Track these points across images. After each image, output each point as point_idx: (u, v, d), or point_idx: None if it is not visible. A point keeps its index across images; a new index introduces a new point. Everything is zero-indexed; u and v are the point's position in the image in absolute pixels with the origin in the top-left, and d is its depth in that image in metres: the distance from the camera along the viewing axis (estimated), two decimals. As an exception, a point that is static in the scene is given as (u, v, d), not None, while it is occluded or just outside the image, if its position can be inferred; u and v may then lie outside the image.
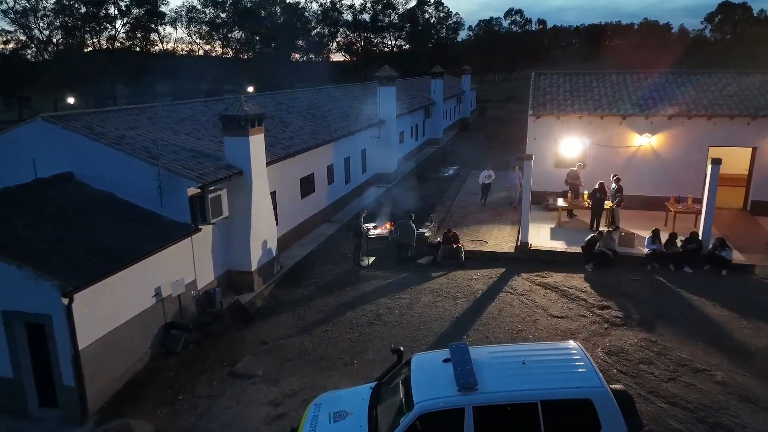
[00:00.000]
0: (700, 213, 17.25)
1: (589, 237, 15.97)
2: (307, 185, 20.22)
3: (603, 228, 17.70)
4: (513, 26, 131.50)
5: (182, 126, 16.86)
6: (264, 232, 15.61)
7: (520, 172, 19.46)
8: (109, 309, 10.91)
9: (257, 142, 14.98)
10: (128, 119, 15.56)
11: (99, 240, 11.64)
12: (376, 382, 8.95)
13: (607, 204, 17.91)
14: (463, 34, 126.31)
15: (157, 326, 12.42)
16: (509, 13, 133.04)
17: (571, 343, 8.48)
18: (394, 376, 8.73)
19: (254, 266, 15.17)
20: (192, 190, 13.22)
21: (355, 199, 24.62)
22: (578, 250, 16.32)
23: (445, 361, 8.10)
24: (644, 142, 19.73)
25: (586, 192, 18.67)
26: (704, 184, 15.83)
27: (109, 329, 10.92)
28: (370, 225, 18.04)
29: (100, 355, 10.68)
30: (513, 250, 16.96)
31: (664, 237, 15.76)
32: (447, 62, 74.55)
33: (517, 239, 17.51)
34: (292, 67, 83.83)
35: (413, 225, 17.06)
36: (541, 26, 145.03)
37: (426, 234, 17.65)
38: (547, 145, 20.46)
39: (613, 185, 18.27)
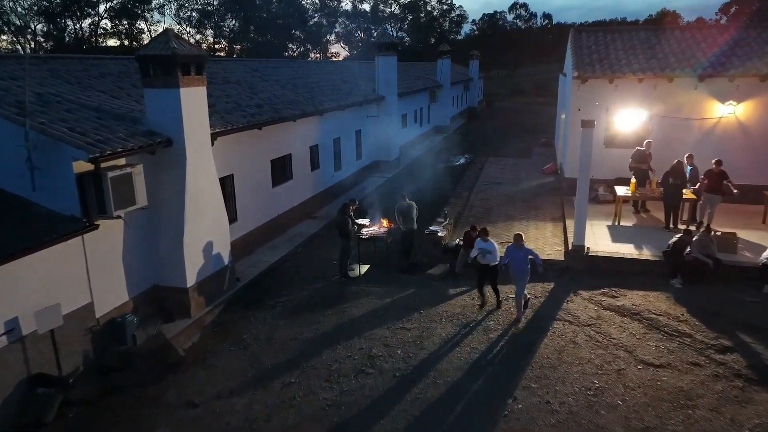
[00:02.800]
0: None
1: (675, 239, 11.17)
2: (281, 170, 15.44)
3: (681, 226, 12.98)
4: (518, 21, 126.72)
5: (101, 81, 12.10)
6: (208, 230, 10.84)
7: (527, 247, 10.02)
8: None
9: (194, 99, 10.21)
10: (15, 68, 10.79)
11: None
12: None
13: (686, 193, 13.13)
14: (466, 28, 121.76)
15: (11, 382, 7.66)
16: (514, 7, 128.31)
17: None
18: None
19: (191, 281, 10.39)
20: (81, 165, 8.48)
21: (347, 190, 19.81)
22: (656, 256, 11.57)
23: None
24: (727, 112, 14.92)
25: (655, 178, 13.86)
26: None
27: None
28: (362, 221, 13.27)
29: None
30: (563, 257, 12.18)
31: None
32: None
33: (566, 242, 12.75)
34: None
35: (414, 204, 12.80)
36: (546, 21, 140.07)
37: (440, 234, 12.88)
38: (596, 117, 15.61)
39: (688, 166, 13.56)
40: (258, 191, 14.13)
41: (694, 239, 10.92)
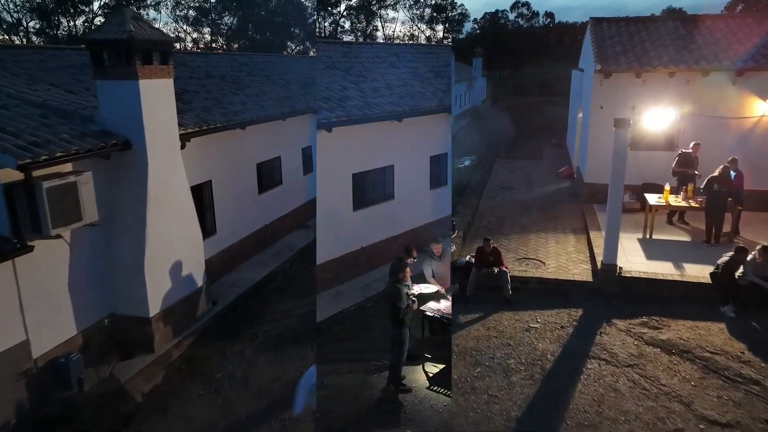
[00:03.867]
0: None
1: (725, 258, 9.54)
2: (269, 174, 13.81)
3: (723, 239, 11.39)
4: (519, 20, 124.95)
5: (56, 74, 10.50)
6: (176, 247, 9.21)
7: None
8: None
9: (158, 93, 8.57)
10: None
11: None
12: None
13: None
14: (467, 27, 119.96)
15: None
16: (515, 5, 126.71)
17: None
18: None
19: (155, 308, 8.77)
20: (11, 174, 6.86)
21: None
22: (702, 278, 9.94)
23: None
24: (769, 110, 13.32)
25: (692, 185, 12.22)
26: None
27: None
28: (420, 288, 8.70)
29: None
30: (590, 278, 10.53)
31: None
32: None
33: (593, 259, 11.12)
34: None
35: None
36: (549, 20, 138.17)
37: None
38: (620, 116, 13.98)
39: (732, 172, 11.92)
40: (241, 199, 12.51)
41: (748, 259, 9.29)
